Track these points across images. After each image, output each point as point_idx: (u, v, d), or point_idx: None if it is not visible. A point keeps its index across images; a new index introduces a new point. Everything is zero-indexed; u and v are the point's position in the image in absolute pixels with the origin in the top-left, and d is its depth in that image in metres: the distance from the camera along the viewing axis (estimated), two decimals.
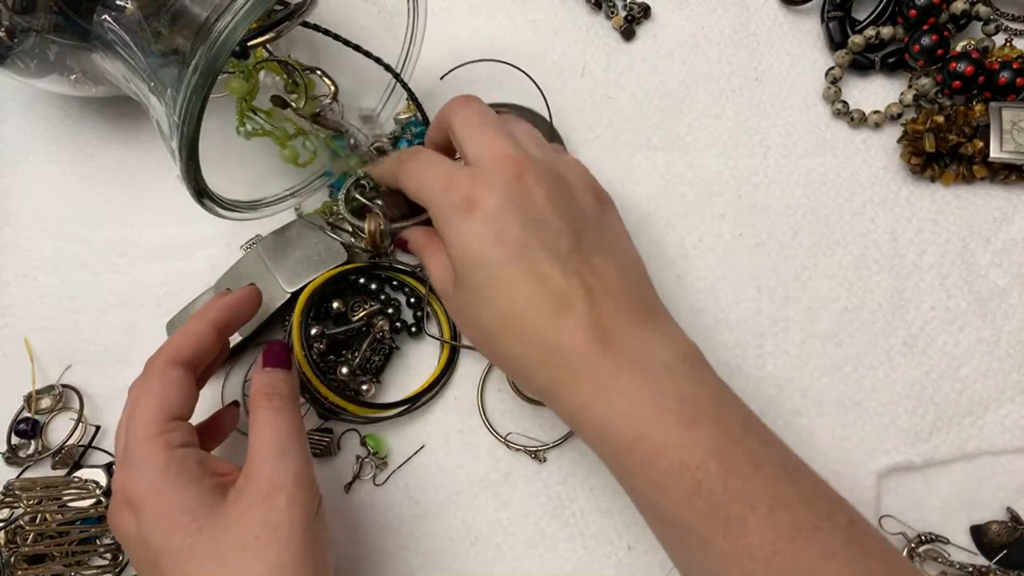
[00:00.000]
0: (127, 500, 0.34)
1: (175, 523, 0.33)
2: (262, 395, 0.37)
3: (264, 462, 0.34)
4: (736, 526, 0.29)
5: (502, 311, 0.33)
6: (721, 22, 0.52)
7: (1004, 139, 0.45)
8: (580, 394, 0.32)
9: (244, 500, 0.33)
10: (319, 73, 0.47)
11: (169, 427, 0.35)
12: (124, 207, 0.51)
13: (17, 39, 0.42)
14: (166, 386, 0.36)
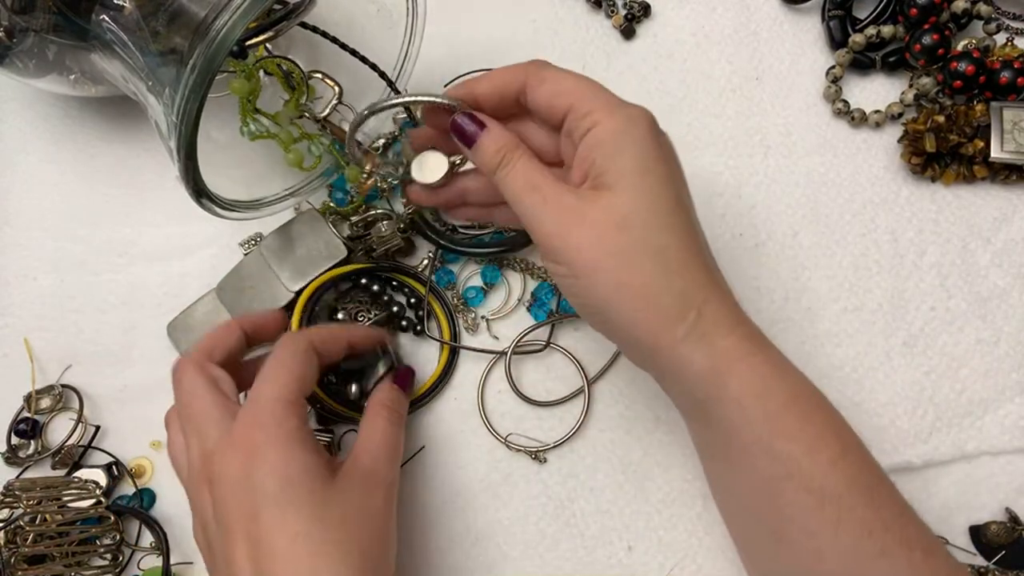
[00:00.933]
0: (247, 445, 0.34)
1: (295, 477, 0.34)
2: (384, 405, 0.41)
3: (377, 459, 0.38)
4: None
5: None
6: (721, 21, 0.52)
7: (1005, 139, 0.45)
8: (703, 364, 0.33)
9: (353, 483, 0.36)
10: (320, 75, 0.47)
11: (303, 402, 0.37)
12: (124, 207, 0.51)
13: (16, 39, 0.42)
14: (307, 365, 0.38)
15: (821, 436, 0.32)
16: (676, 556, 0.43)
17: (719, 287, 0.34)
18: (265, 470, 0.33)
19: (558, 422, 0.45)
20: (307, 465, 0.34)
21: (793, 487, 0.32)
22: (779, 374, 0.34)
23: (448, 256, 0.48)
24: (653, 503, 0.44)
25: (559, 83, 0.35)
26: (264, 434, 0.34)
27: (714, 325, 0.33)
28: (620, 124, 0.34)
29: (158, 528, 0.45)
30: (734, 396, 0.32)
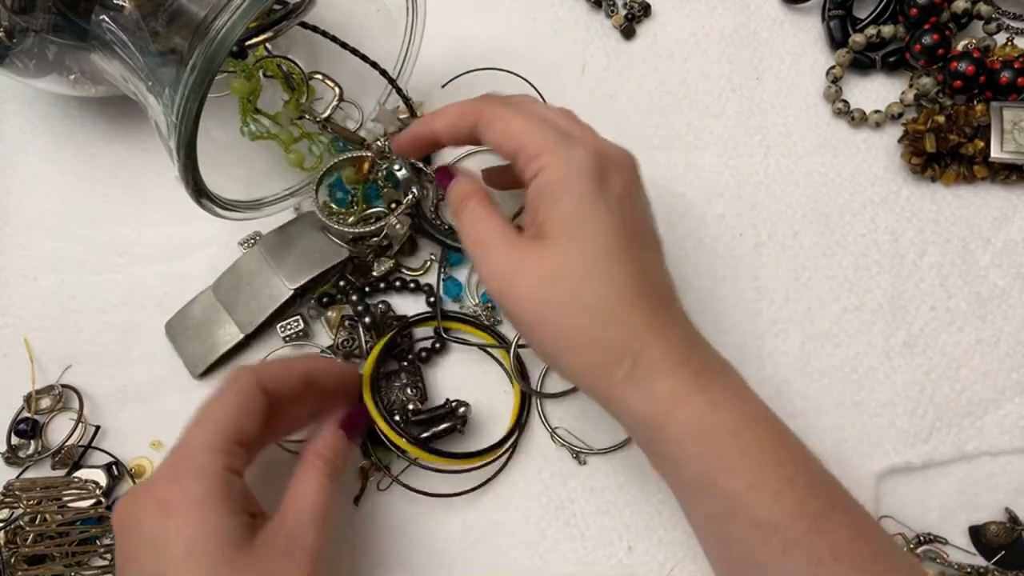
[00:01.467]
0: (164, 500, 0.33)
1: (206, 546, 0.32)
2: (321, 456, 0.37)
3: (303, 523, 0.35)
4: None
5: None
6: (722, 21, 0.52)
7: (1005, 139, 0.45)
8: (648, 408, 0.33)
9: (273, 550, 0.34)
10: (320, 76, 0.48)
11: (235, 449, 0.35)
12: (124, 207, 0.51)
13: (16, 39, 0.42)
14: (248, 407, 0.36)
15: (763, 469, 0.32)
16: (676, 556, 0.43)
17: (663, 329, 0.33)
18: (174, 532, 0.32)
19: (557, 421, 0.46)
20: (220, 529, 0.32)
21: (738, 522, 0.32)
22: (721, 409, 0.33)
23: (452, 257, 0.48)
24: (653, 503, 0.44)
25: (509, 123, 0.36)
26: (181, 489, 0.33)
27: (652, 370, 0.33)
28: (562, 171, 0.34)
29: None
30: (673, 439, 0.32)
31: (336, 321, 0.47)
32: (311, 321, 0.48)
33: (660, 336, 0.33)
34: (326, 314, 0.47)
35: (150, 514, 0.33)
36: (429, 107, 0.51)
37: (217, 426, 0.34)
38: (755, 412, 0.34)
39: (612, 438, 0.45)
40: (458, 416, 0.43)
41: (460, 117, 0.38)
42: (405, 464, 0.44)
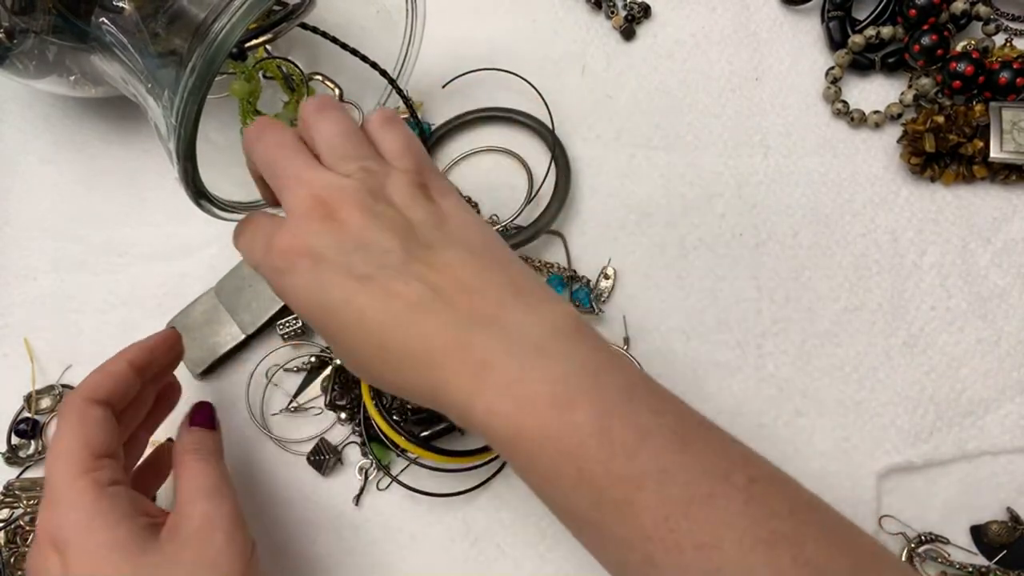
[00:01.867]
0: (52, 541, 0.33)
1: (105, 561, 0.31)
2: (187, 451, 0.38)
3: (196, 502, 0.35)
4: (626, 510, 0.27)
5: (368, 346, 0.31)
6: (721, 22, 0.52)
7: (1004, 139, 0.45)
8: (458, 397, 0.29)
9: (179, 539, 0.33)
10: (320, 77, 0.48)
11: (96, 465, 0.34)
12: (124, 207, 0.51)
13: (16, 40, 0.42)
14: (87, 425, 0.35)
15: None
16: None
17: (478, 362, 0.30)
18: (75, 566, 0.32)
19: None
20: (119, 542, 0.32)
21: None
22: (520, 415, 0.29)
23: None
24: None
25: (238, 246, 0.36)
26: (65, 527, 0.32)
27: (463, 407, 0.30)
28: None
29: None
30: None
31: None
32: None
33: (472, 368, 0.31)
34: None
35: (51, 560, 0.32)
36: (429, 107, 0.51)
37: (69, 454, 0.34)
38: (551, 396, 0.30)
39: None
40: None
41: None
42: (405, 464, 0.44)
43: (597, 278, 0.47)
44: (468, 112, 0.50)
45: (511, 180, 0.50)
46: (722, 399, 0.45)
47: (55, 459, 0.34)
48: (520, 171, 0.50)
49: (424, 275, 0.31)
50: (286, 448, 0.44)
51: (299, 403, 0.46)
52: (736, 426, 0.44)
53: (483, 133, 0.51)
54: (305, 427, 0.46)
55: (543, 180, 0.49)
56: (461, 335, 0.30)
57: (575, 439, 0.28)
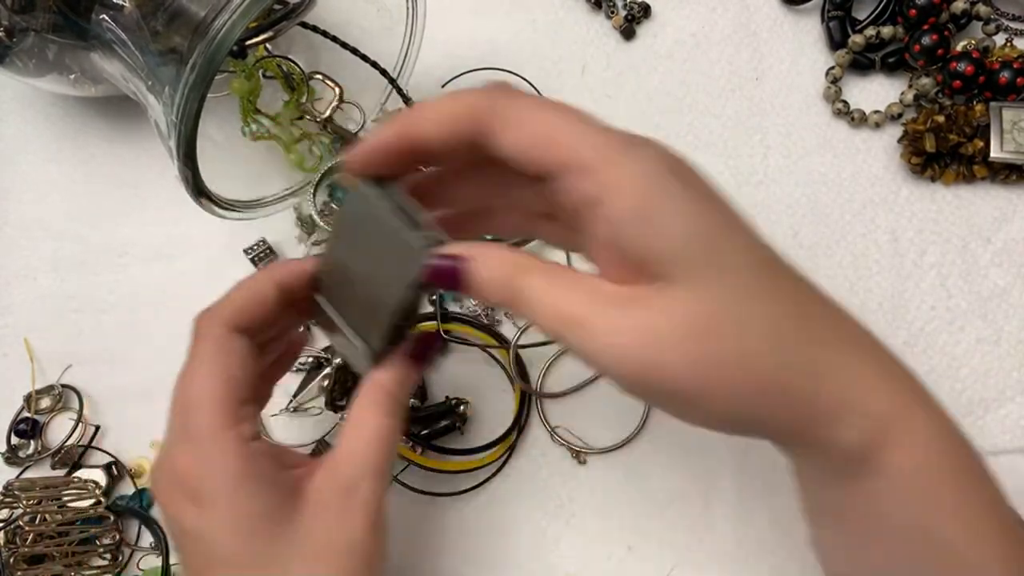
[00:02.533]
0: (191, 492, 0.29)
1: (248, 531, 0.29)
2: (383, 390, 0.31)
3: (360, 471, 0.30)
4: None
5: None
6: (721, 21, 0.52)
7: (1004, 139, 0.45)
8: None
9: (323, 511, 0.30)
10: (320, 76, 0.48)
11: (241, 415, 0.30)
12: (124, 207, 0.51)
13: (16, 38, 0.42)
14: (231, 359, 0.30)
15: (982, 518, 0.27)
16: (676, 557, 0.43)
17: (854, 339, 0.28)
18: (212, 529, 0.29)
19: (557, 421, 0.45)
20: (263, 510, 0.29)
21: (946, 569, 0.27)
22: (937, 438, 0.28)
23: None
24: (653, 503, 0.44)
25: (535, 126, 0.26)
26: (209, 484, 0.29)
27: (857, 392, 0.26)
28: (640, 187, 0.25)
29: (158, 528, 0.45)
30: (889, 470, 0.27)
31: None
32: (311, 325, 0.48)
33: (855, 347, 0.28)
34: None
35: (185, 509, 0.29)
36: None
37: (213, 399, 0.30)
38: (963, 440, 0.28)
39: (612, 438, 0.45)
40: (458, 413, 0.43)
41: (458, 117, 0.26)
42: (405, 464, 0.44)
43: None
44: None
45: None
46: None
47: (198, 401, 0.30)
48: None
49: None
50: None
51: (299, 403, 0.46)
52: None
53: None
54: (305, 428, 0.46)
55: None
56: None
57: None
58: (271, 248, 0.48)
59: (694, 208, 0.26)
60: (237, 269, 0.49)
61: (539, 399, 0.46)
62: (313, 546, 0.29)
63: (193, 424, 0.30)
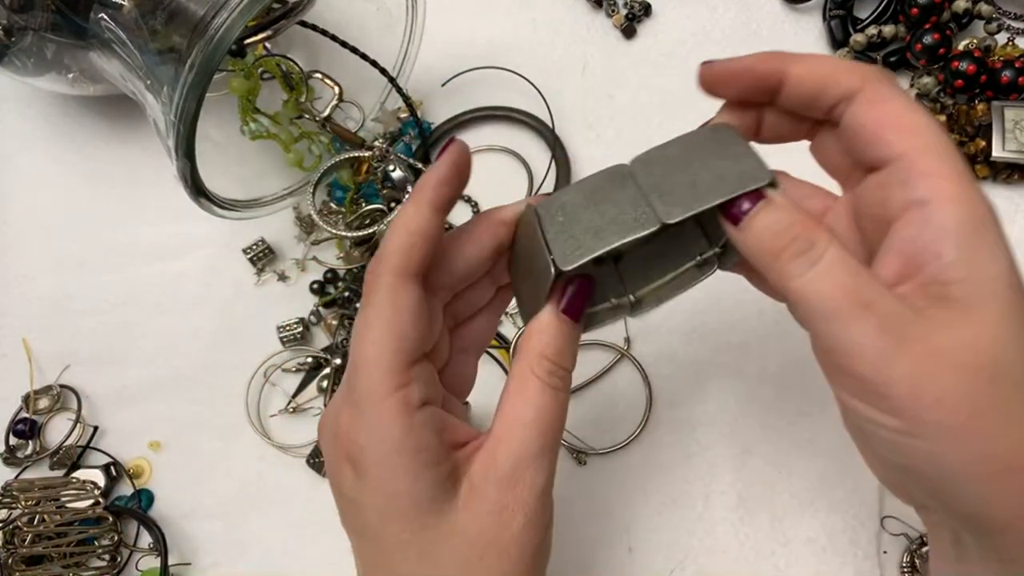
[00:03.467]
0: (350, 455, 0.27)
1: (397, 510, 0.26)
2: (541, 357, 0.28)
3: (522, 455, 0.27)
4: None
5: None
6: (722, 20, 0.51)
7: (1007, 138, 0.45)
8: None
9: (478, 503, 0.27)
10: (319, 75, 0.47)
11: (407, 377, 0.27)
12: (123, 207, 0.51)
13: (15, 38, 0.42)
14: (401, 314, 0.27)
15: None
16: (676, 558, 0.43)
17: None
18: (368, 498, 0.27)
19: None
20: (418, 495, 0.26)
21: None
22: None
23: None
24: (653, 504, 0.44)
25: (905, 114, 0.25)
26: (367, 455, 0.27)
27: None
28: (982, 210, 0.25)
29: (156, 529, 0.45)
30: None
31: (336, 318, 0.47)
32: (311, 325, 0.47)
33: None
34: (326, 319, 0.47)
35: (344, 472, 0.27)
36: (429, 106, 0.51)
37: (379, 360, 0.26)
38: None
39: (612, 438, 0.45)
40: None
41: (831, 77, 0.27)
42: None
43: None
44: (468, 111, 0.50)
45: (511, 179, 0.50)
46: (724, 400, 0.45)
47: (363, 359, 0.27)
48: (520, 170, 0.50)
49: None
50: (285, 451, 0.44)
51: (298, 404, 0.46)
52: (739, 426, 0.44)
53: (483, 132, 0.51)
54: (304, 428, 0.46)
55: (543, 179, 0.48)
56: None
57: None
58: (270, 248, 0.48)
59: (1005, 249, 0.25)
60: (236, 269, 0.49)
61: None
62: (467, 542, 0.27)
63: (358, 384, 0.27)
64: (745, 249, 0.26)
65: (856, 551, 0.42)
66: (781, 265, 0.25)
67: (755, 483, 0.43)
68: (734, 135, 0.29)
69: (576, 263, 0.27)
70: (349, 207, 0.48)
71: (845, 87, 0.27)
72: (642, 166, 0.29)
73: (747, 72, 0.28)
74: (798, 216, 0.25)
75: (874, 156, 0.26)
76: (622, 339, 0.46)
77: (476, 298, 0.32)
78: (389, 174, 0.46)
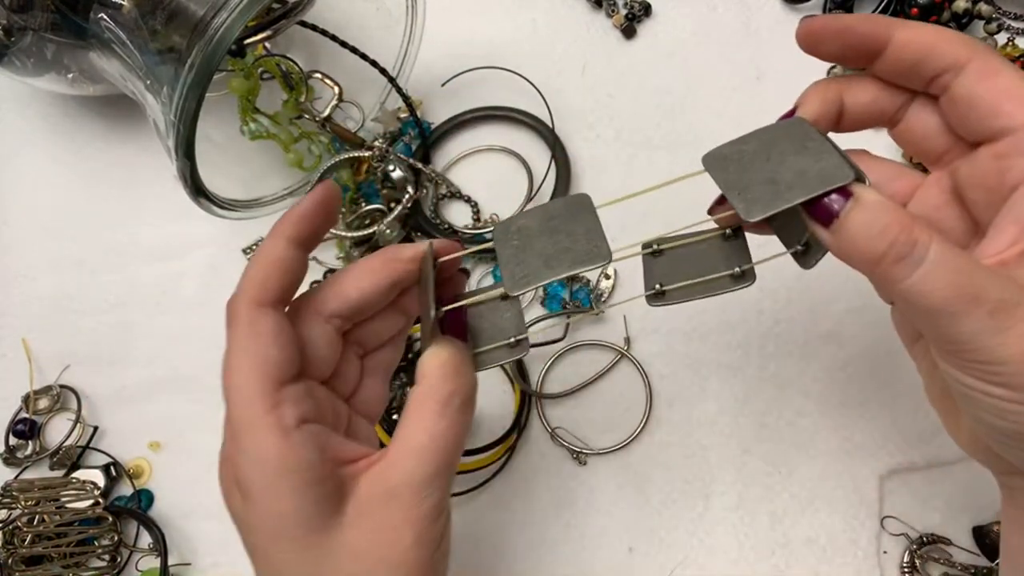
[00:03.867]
0: (236, 479, 0.28)
1: (282, 531, 0.27)
2: (446, 378, 0.28)
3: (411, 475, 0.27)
4: None
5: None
6: (722, 20, 0.51)
7: None
8: None
9: (364, 520, 0.27)
10: (319, 75, 0.47)
11: (278, 398, 0.27)
12: (123, 206, 0.51)
13: (15, 37, 0.42)
14: (260, 341, 0.28)
15: None
16: (676, 558, 0.43)
17: None
18: (254, 520, 0.27)
19: (557, 422, 0.45)
20: (301, 514, 0.26)
21: None
22: None
23: None
24: (653, 504, 0.44)
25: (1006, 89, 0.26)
26: (247, 477, 0.27)
27: None
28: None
29: (156, 529, 0.45)
30: None
31: None
32: None
33: None
34: None
35: (233, 496, 0.28)
36: (429, 106, 0.51)
37: (243, 383, 0.27)
38: None
39: (612, 439, 0.45)
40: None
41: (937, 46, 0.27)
42: None
43: (598, 278, 0.47)
44: (468, 111, 0.50)
45: (511, 179, 0.50)
46: (724, 400, 0.45)
47: (230, 388, 0.28)
48: (520, 170, 0.50)
49: None
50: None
51: None
52: (739, 427, 0.44)
53: (483, 132, 0.51)
54: None
55: (543, 179, 0.48)
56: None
57: None
58: None
59: None
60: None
61: (539, 400, 0.45)
62: (355, 559, 0.27)
63: (231, 412, 0.28)
64: (840, 254, 0.25)
65: (856, 551, 0.42)
66: (883, 270, 0.24)
67: (755, 483, 0.43)
68: (811, 129, 0.28)
69: (522, 290, 0.28)
70: (349, 207, 0.48)
71: (952, 57, 0.26)
72: (715, 162, 0.29)
73: (848, 31, 0.28)
74: (895, 215, 0.24)
75: (989, 128, 0.26)
76: (622, 339, 0.46)
77: (383, 328, 0.33)
78: (389, 174, 0.46)
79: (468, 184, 0.50)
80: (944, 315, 0.24)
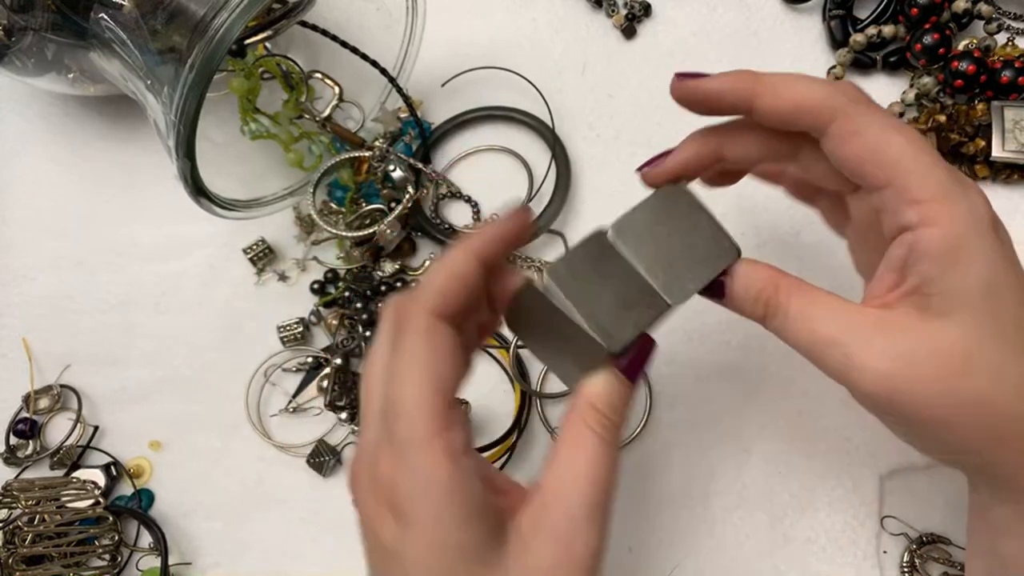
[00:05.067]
0: (392, 502, 0.26)
1: (445, 564, 0.25)
2: (594, 411, 0.28)
3: (576, 513, 0.26)
4: None
5: None
6: (722, 20, 0.51)
7: (1006, 138, 0.45)
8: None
9: (531, 560, 0.26)
10: (319, 75, 0.48)
11: (450, 419, 0.26)
12: (123, 206, 0.51)
13: (15, 37, 0.42)
14: (437, 355, 0.26)
15: None
16: (676, 557, 0.43)
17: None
18: (412, 552, 0.25)
19: (557, 421, 0.45)
20: (467, 546, 0.25)
21: None
22: None
23: None
24: (653, 504, 0.44)
25: (884, 144, 0.27)
26: (413, 503, 0.25)
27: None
28: (960, 228, 0.27)
29: (157, 529, 0.45)
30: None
31: (336, 318, 0.47)
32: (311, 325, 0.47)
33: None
34: (326, 319, 0.47)
35: (385, 522, 0.26)
36: (429, 106, 0.51)
37: (422, 401, 0.26)
38: None
39: None
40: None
41: (797, 112, 0.28)
42: None
43: None
44: (468, 111, 0.50)
45: (511, 179, 0.50)
46: (724, 400, 0.45)
47: (404, 403, 0.26)
48: (520, 170, 0.50)
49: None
50: (285, 451, 0.44)
51: (298, 403, 0.46)
52: (739, 426, 0.44)
53: (483, 132, 0.51)
54: (304, 428, 0.46)
55: (543, 179, 0.48)
56: None
57: None
58: (270, 248, 0.48)
59: (998, 263, 0.27)
60: (236, 269, 0.49)
61: (539, 400, 0.45)
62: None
63: (399, 428, 0.26)
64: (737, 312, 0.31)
65: (856, 551, 0.42)
66: (767, 324, 0.30)
67: (755, 483, 0.43)
68: (693, 200, 0.33)
69: (623, 344, 0.29)
70: (349, 207, 0.48)
71: (812, 121, 0.28)
72: (621, 237, 0.31)
73: (711, 99, 0.32)
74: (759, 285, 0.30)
75: (860, 183, 0.29)
76: None
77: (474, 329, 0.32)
78: (389, 174, 0.46)
79: (468, 184, 0.50)
80: (808, 355, 0.30)
